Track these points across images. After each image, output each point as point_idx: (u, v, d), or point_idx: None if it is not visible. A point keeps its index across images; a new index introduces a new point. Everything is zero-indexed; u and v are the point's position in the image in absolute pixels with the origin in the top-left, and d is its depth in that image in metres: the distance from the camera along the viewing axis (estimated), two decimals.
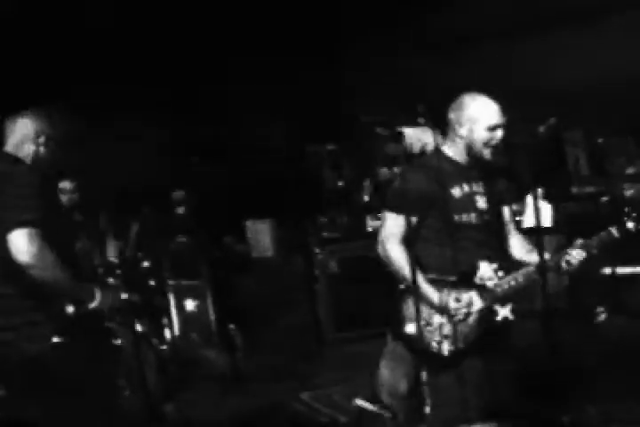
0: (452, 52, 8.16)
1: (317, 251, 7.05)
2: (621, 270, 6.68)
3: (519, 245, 3.82)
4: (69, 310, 3.35)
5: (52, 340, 3.26)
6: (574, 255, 3.57)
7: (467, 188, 3.66)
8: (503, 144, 3.60)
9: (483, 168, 3.70)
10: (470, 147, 3.61)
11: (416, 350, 3.56)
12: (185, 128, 8.53)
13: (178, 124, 8.47)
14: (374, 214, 7.29)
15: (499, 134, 3.58)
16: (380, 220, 3.78)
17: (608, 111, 7.40)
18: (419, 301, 3.38)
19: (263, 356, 6.37)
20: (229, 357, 6.17)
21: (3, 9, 6.37)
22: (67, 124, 3.63)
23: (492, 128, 3.56)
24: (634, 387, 4.79)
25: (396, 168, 8.03)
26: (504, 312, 3.59)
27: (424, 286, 3.54)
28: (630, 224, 3.56)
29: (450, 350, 3.56)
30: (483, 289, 3.59)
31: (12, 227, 3.16)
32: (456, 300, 3.55)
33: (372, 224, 7.39)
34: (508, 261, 3.73)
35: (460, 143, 3.64)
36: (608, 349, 5.58)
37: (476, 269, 3.60)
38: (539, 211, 3.45)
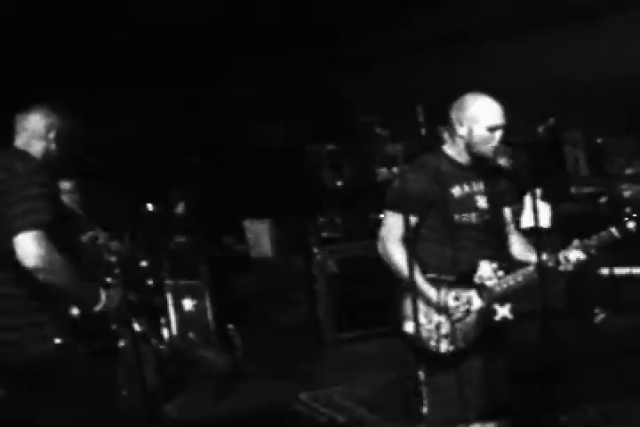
0: (450, 51, 8.15)
1: (316, 251, 7.05)
2: (619, 271, 6.69)
3: (519, 246, 3.83)
4: (74, 311, 3.33)
5: (56, 341, 3.24)
6: (571, 256, 3.57)
7: (467, 187, 3.66)
8: (503, 144, 3.60)
9: (483, 168, 3.70)
10: (470, 147, 3.62)
11: (415, 349, 3.57)
12: (184, 128, 8.53)
13: (178, 124, 8.47)
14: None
15: (498, 135, 3.58)
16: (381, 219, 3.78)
17: (608, 111, 7.40)
18: (417, 299, 3.38)
19: (262, 356, 6.37)
20: (228, 357, 6.17)
21: (2, 9, 6.37)
22: (76, 120, 3.61)
23: (492, 129, 3.56)
24: (634, 387, 4.80)
25: (395, 168, 8.03)
26: (503, 312, 3.59)
27: (423, 285, 3.54)
28: (631, 224, 3.56)
29: (448, 349, 3.57)
30: (482, 288, 3.60)
31: (19, 230, 3.11)
32: (455, 299, 3.56)
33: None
34: (507, 261, 3.74)
35: (461, 143, 3.64)
36: (607, 348, 5.59)
37: (476, 269, 3.60)
38: (537, 211, 3.45)
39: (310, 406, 5.37)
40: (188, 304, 6.60)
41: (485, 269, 3.61)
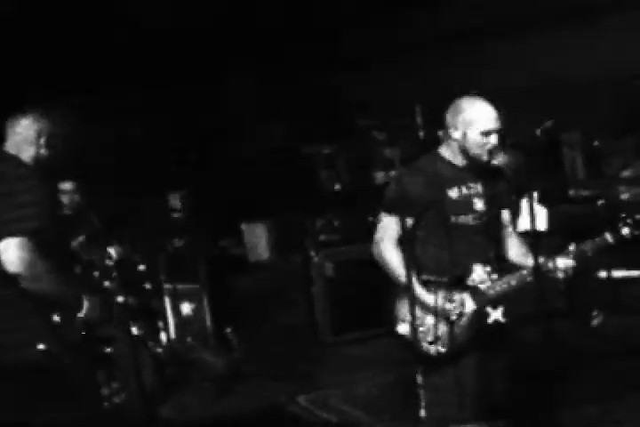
0: (450, 51, 8.15)
1: (314, 254, 7.05)
2: (617, 274, 6.69)
3: (516, 248, 3.83)
4: (55, 318, 3.32)
5: (39, 346, 3.24)
6: (560, 264, 3.58)
7: (464, 189, 3.66)
8: (500, 146, 3.60)
9: (480, 169, 3.70)
10: (465, 150, 3.62)
11: (410, 350, 3.57)
12: (182, 132, 8.54)
13: (177, 125, 8.49)
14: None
15: (493, 139, 3.58)
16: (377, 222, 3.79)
17: (607, 112, 7.41)
18: (412, 302, 3.39)
19: (260, 358, 6.37)
20: (226, 360, 6.17)
21: (2, 9, 6.37)
22: (67, 124, 3.61)
23: (486, 133, 3.57)
24: (633, 387, 4.81)
25: (392, 171, 8.04)
26: (495, 315, 3.61)
27: (417, 287, 3.54)
28: (625, 230, 3.57)
29: (442, 350, 3.58)
30: (475, 291, 3.61)
31: (4, 236, 3.13)
32: (448, 301, 3.57)
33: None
34: (503, 264, 3.74)
35: (455, 146, 3.65)
36: (606, 349, 5.60)
37: (471, 271, 3.61)
38: (534, 214, 3.45)
39: (308, 408, 5.37)
40: (186, 308, 6.60)
41: (479, 272, 3.62)
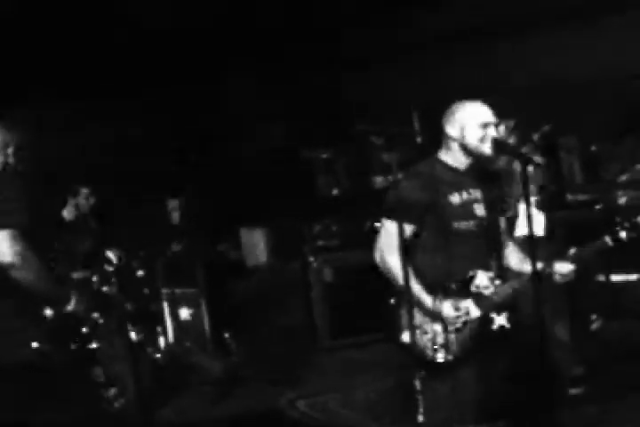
0: (450, 51, 8.15)
1: (312, 259, 7.05)
2: (615, 278, 6.69)
3: (513, 255, 3.83)
4: (48, 313, 3.36)
5: (33, 345, 3.26)
6: (565, 267, 3.59)
7: (465, 195, 3.65)
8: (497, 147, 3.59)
9: (480, 173, 3.70)
10: (465, 148, 3.61)
11: (412, 357, 3.56)
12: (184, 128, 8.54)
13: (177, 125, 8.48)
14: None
15: (491, 131, 3.58)
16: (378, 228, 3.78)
17: (605, 113, 7.41)
18: (413, 309, 3.38)
19: (258, 362, 6.37)
20: (224, 364, 6.17)
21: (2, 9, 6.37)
22: (36, 134, 3.65)
23: (484, 125, 3.57)
24: (633, 387, 4.82)
25: (391, 176, 8.03)
26: (500, 320, 3.59)
27: (422, 294, 3.53)
28: (623, 234, 3.57)
29: (446, 358, 3.56)
30: (479, 297, 3.59)
31: None
32: (454, 309, 3.55)
33: None
34: (504, 270, 3.74)
35: (455, 147, 3.64)
36: (607, 350, 5.62)
37: (473, 277, 3.60)
38: (531, 219, 3.45)
39: (306, 413, 5.37)
40: (184, 312, 6.60)
41: (482, 278, 3.61)
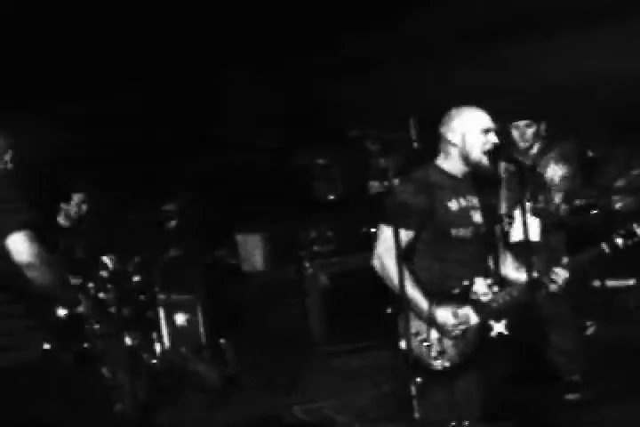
0: (450, 51, 8.15)
1: (308, 264, 7.06)
2: (611, 283, 6.71)
3: (509, 262, 3.83)
4: (61, 313, 3.37)
5: (44, 346, 3.27)
6: (560, 274, 3.59)
7: (463, 201, 3.64)
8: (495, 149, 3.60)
9: (477, 180, 3.70)
10: (465, 155, 3.62)
11: (412, 364, 3.55)
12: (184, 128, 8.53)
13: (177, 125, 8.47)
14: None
15: (492, 137, 3.59)
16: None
17: (599, 123, 7.42)
18: (410, 316, 3.38)
19: (254, 369, 6.37)
20: (220, 371, 6.17)
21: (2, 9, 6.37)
22: (36, 140, 3.68)
23: (485, 131, 3.58)
24: (632, 388, 4.84)
25: (386, 182, 8.02)
26: (499, 327, 3.58)
27: (422, 302, 3.52)
28: (619, 240, 3.58)
29: (445, 365, 3.55)
30: (478, 304, 3.59)
31: (11, 230, 3.16)
32: (453, 315, 3.54)
33: None
34: (501, 276, 3.74)
35: (455, 154, 3.64)
36: (604, 353, 5.63)
37: (472, 284, 3.59)
38: (527, 225, 3.45)
39: (302, 419, 5.37)
40: (180, 319, 6.60)
41: (481, 285, 3.60)
